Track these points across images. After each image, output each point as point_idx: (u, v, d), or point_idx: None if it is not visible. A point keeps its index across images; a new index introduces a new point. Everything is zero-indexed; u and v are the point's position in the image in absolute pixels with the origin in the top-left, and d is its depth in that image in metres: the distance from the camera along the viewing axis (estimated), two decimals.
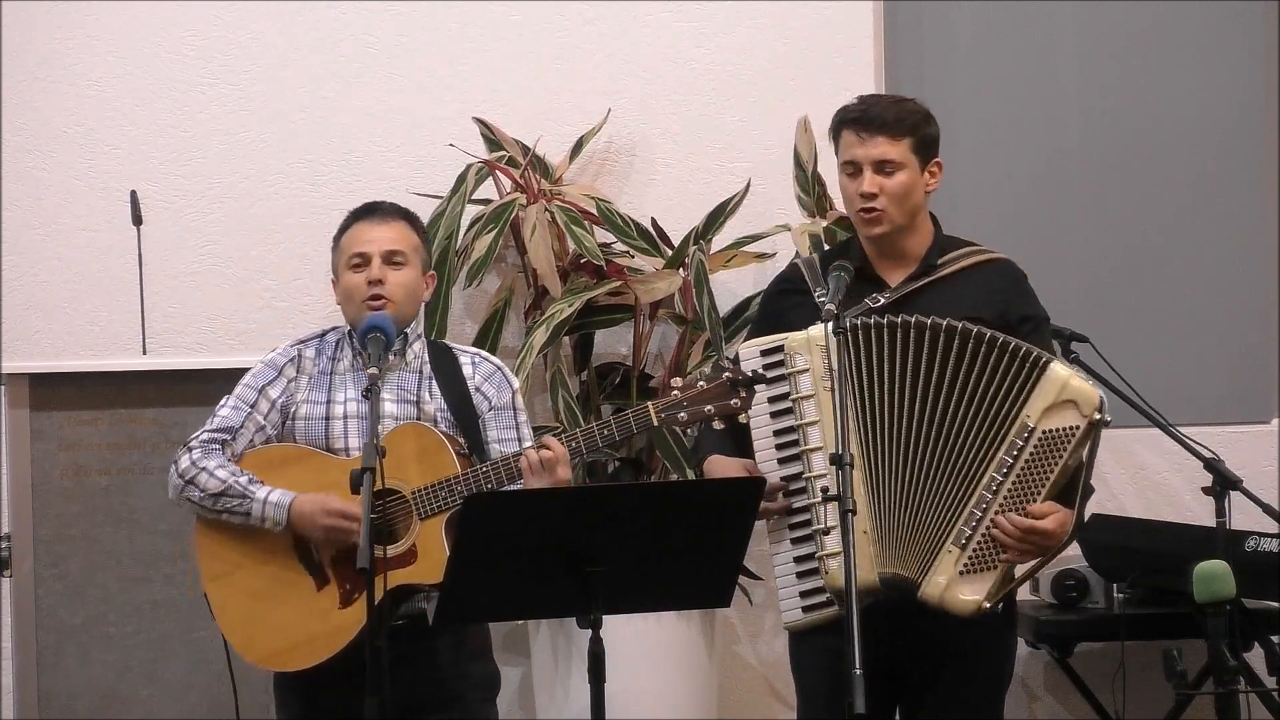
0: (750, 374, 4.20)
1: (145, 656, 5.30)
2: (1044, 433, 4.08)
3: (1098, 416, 4.07)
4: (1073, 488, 4.12)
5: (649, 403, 4.28)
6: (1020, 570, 4.22)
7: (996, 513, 4.08)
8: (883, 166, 4.25)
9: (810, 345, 4.19)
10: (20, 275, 5.73)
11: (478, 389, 4.51)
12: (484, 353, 4.63)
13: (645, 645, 5.28)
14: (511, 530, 3.91)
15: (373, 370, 4.20)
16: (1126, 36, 6.15)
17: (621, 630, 4.50)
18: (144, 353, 5.64)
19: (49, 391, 5.32)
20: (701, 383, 4.25)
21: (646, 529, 3.95)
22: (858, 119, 4.27)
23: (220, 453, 4.40)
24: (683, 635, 5.37)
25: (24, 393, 5.31)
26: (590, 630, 3.93)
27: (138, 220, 5.69)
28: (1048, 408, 4.08)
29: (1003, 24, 6.13)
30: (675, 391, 4.26)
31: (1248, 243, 6.16)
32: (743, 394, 4.22)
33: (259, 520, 4.34)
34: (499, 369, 4.57)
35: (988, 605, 4.10)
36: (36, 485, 5.30)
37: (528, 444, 4.48)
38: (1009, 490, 4.09)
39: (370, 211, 4.53)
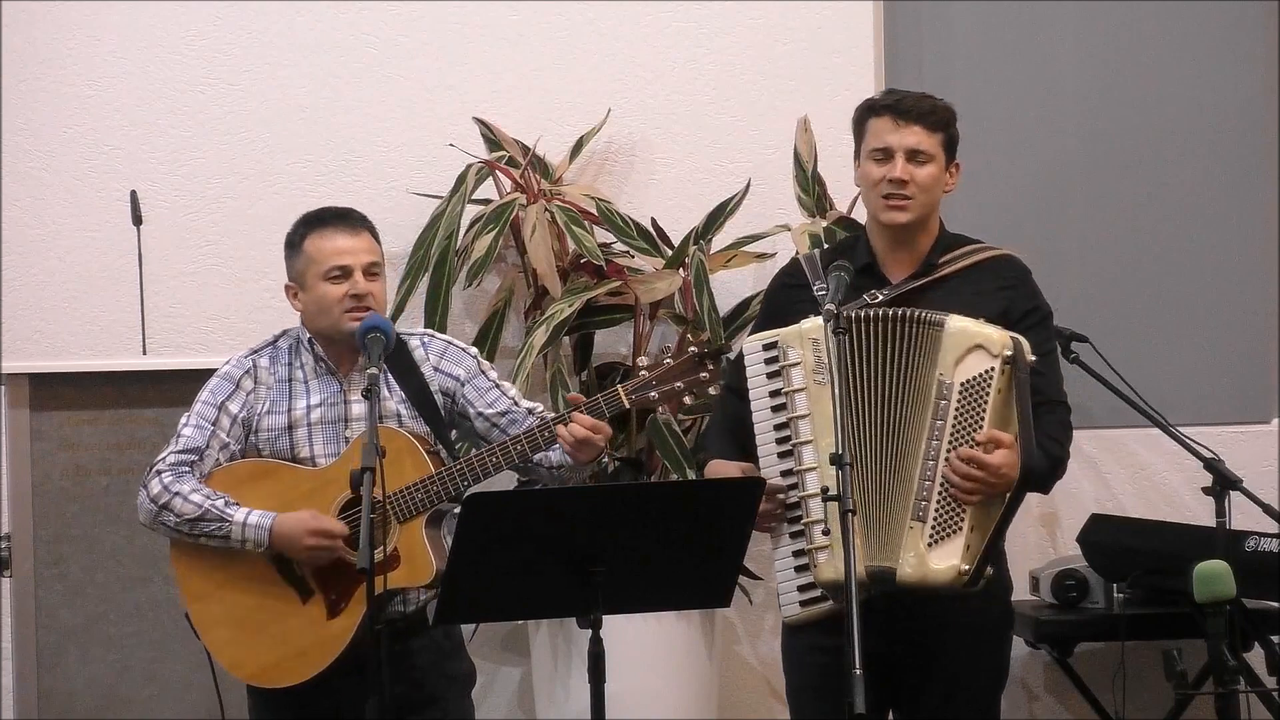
0: (717, 345, 4.20)
1: (145, 656, 5.30)
2: (961, 384, 4.09)
3: (1009, 353, 4.07)
4: (1012, 428, 4.11)
5: (619, 385, 4.28)
6: (994, 519, 4.17)
7: (943, 479, 4.09)
8: (915, 155, 4.25)
9: (802, 339, 4.19)
10: (20, 275, 5.73)
11: (437, 369, 4.48)
12: (430, 331, 4.61)
13: (645, 645, 5.28)
14: (511, 530, 3.91)
15: (372, 370, 4.19)
16: (1126, 36, 6.15)
17: (621, 630, 4.49)
18: (144, 353, 5.65)
19: (49, 391, 5.32)
20: (668, 360, 4.25)
21: (646, 529, 3.95)
22: (892, 106, 4.27)
23: (190, 475, 4.36)
24: (683, 635, 5.37)
25: (24, 393, 5.31)
26: (590, 630, 3.93)
27: (138, 220, 5.69)
28: (958, 360, 4.09)
29: (1003, 24, 6.13)
30: (643, 371, 4.26)
31: (1248, 243, 6.16)
32: (710, 366, 4.23)
33: (239, 542, 4.31)
34: (449, 343, 4.54)
35: (966, 568, 4.08)
36: (36, 485, 5.30)
37: (513, 394, 4.48)
38: (947, 450, 4.09)
39: (340, 219, 4.47)
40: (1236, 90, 6.16)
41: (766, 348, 4.24)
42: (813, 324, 4.19)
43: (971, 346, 4.09)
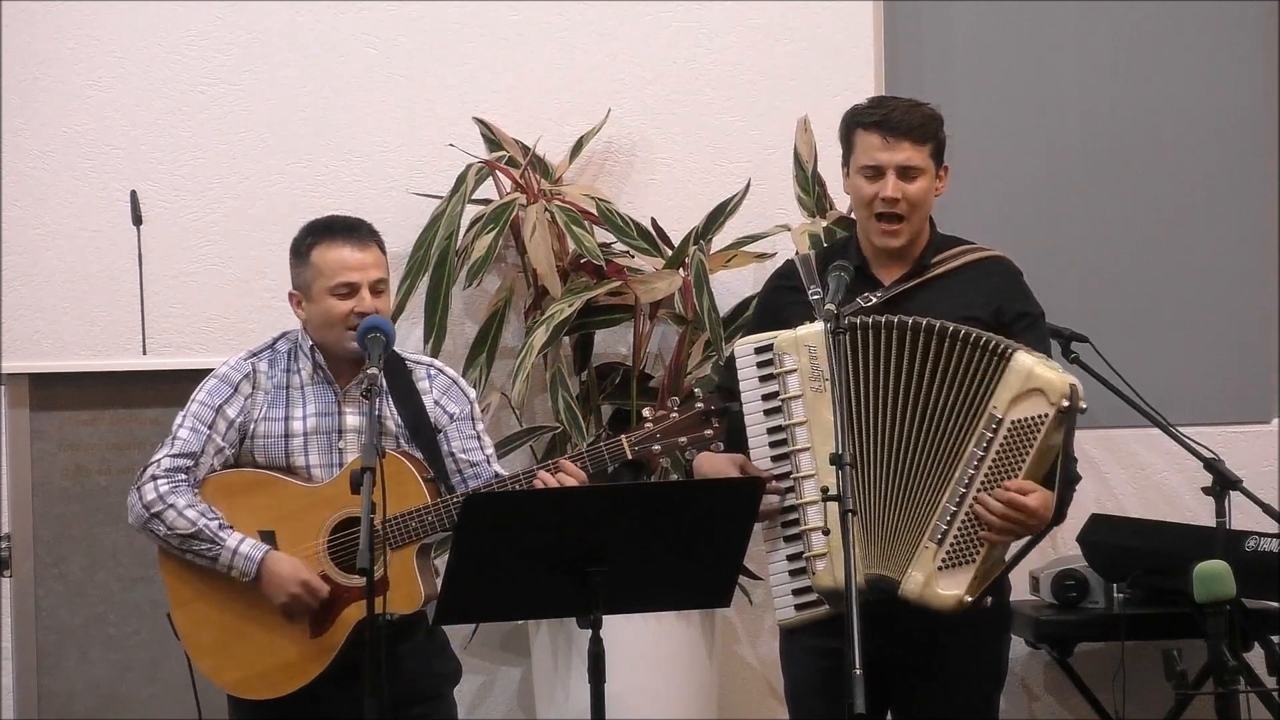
0: (723, 405, 4.21)
1: (145, 656, 5.30)
2: (1012, 423, 4.06)
3: (1066, 404, 4.04)
4: (1050, 473, 4.10)
5: (623, 435, 4.28)
6: (1005, 556, 4.19)
7: (971, 506, 4.08)
8: (907, 172, 4.23)
9: (798, 345, 4.18)
10: (20, 275, 5.73)
11: (437, 403, 4.47)
12: (438, 363, 4.58)
13: (645, 645, 5.28)
14: (511, 530, 3.91)
15: (372, 370, 4.18)
16: (1126, 37, 6.16)
17: (621, 630, 4.49)
18: (144, 353, 5.65)
19: (49, 391, 5.32)
20: (674, 413, 4.25)
21: (646, 529, 3.95)
22: (881, 122, 4.23)
23: (186, 485, 4.34)
24: (683, 635, 5.37)
25: (24, 393, 5.31)
26: (590, 630, 3.94)
27: (138, 220, 5.69)
28: (1014, 397, 4.06)
29: (1003, 24, 6.13)
30: (648, 423, 4.26)
31: (1248, 243, 6.16)
32: (715, 424, 4.23)
33: (225, 568, 4.30)
34: (454, 381, 4.53)
35: (969, 599, 4.08)
36: (36, 485, 5.30)
37: (489, 451, 4.48)
38: (982, 482, 4.08)
39: (349, 232, 4.44)
40: (1236, 90, 6.16)
41: (759, 351, 4.22)
42: (809, 330, 4.18)
43: (1031, 389, 4.05)
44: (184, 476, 4.35)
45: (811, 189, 5.60)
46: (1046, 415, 4.05)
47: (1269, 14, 6.14)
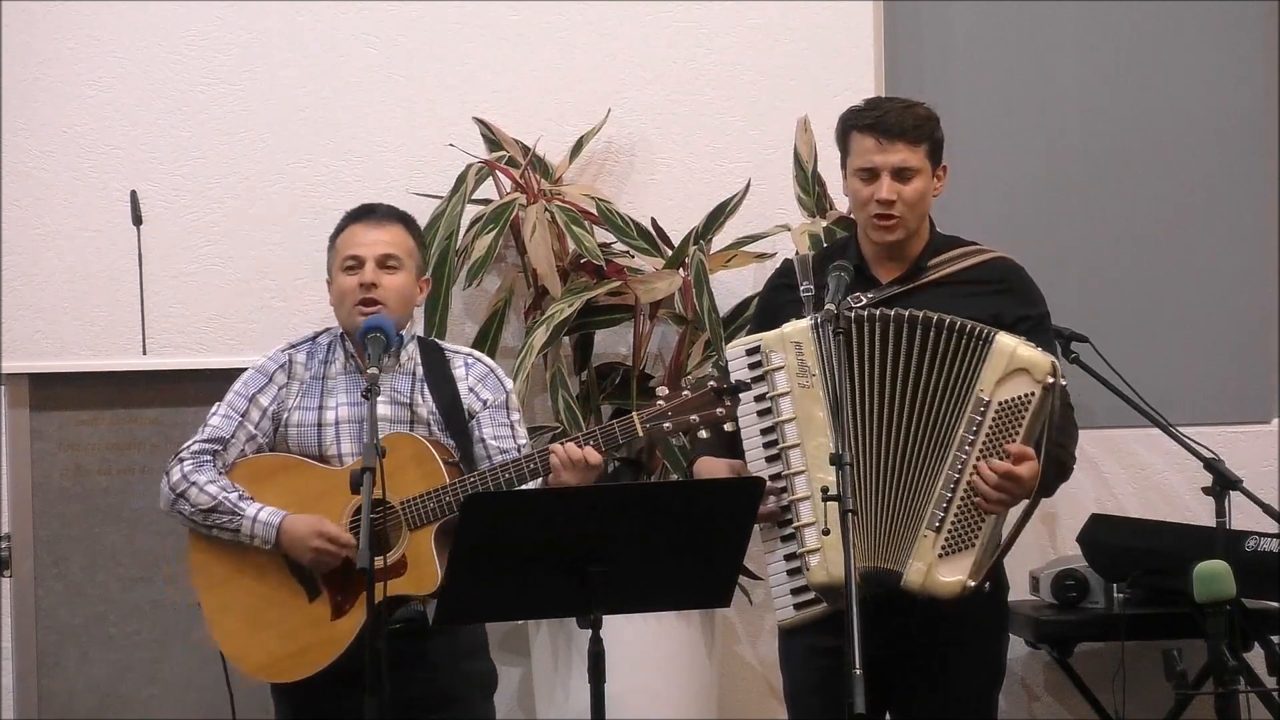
0: (734, 382, 4.21)
1: (145, 656, 5.30)
2: (1000, 404, 4.09)
3: (1050, 380, 4.07)
4: (1037, 447, 4.11)
5: (634, 413, 4.29)
6: (1000, 539, 4.20)
7: (965, 493, 4.09)
8: (902, 174, 4.23)
9: (784, 343, 4.19)
10: (20, 275, 5.73)
11: (471, 390, 4.50)
12: (476, 353, 4.63)
13: (645, 645, 5.28)
14: (511, 530, 3.91)
15: (372, 370, 4.21)
16: (1126, 36, 6.15)
17: (621, 630, 4.49)
18: (144, 353, 5.64)
19: (49, 391, 5.32)
20: (686, 392, 4.25)
21: (646, 529, 3.96)
22: (875, 124, 4.23)
23: (211, 465, 4.40)
24: (683, 635, 5.37)
25: (24, 393, 5.31)
26: (590, 630, 3.94)
27: (138, 220, 5.69)
28: (1000, 379, 4.08)
29: (1003, 24, 6.13)
30: (660, 401, 4.26)
31: (1248, 243, 6.16)
32: (727, 403, 4.23)
33: (248, 538, 4.34)
34: (491, 370, 4.56)
35: (972, 584, 4.09)
36: (36, 485, 5.30)
37: (523, 441, 4.50)
38: (974, 466, 4.09)
39: (367, 213, 4.54)
40: (1236, 90, 6.16)
41: (749, 352, 4.23)
42: (794, 327, 4.19)
43: (1016, 369, 4.08)
44: (209, 459, 4.41)
45: (811, 189, 5.60)
46: (1033, 394, 4.08)
47: (1269, 14, 6.14)
